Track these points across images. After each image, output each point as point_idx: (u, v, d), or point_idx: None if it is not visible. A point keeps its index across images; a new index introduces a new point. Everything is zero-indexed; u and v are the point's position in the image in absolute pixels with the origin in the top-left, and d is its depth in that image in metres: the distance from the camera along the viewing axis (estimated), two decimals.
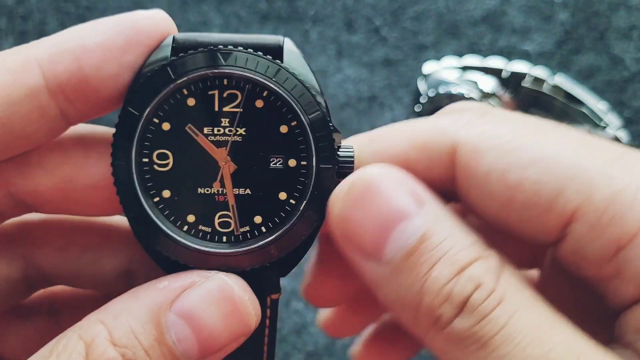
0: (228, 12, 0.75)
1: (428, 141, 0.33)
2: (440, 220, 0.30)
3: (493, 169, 0.31)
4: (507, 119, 0.33)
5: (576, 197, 0.29)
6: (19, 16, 0.74)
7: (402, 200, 0.30)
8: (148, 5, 0.75)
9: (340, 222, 0.31)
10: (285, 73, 0.32)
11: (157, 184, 0.33)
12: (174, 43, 0.33)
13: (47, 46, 0.31)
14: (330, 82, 0.74)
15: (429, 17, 0.75)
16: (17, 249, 0.38)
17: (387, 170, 0.31)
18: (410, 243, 0.30)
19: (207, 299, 0.30)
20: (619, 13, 0.74)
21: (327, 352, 0.69)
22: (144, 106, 0.32)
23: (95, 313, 0.30)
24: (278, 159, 0.33)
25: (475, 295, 0.28)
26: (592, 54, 0.73)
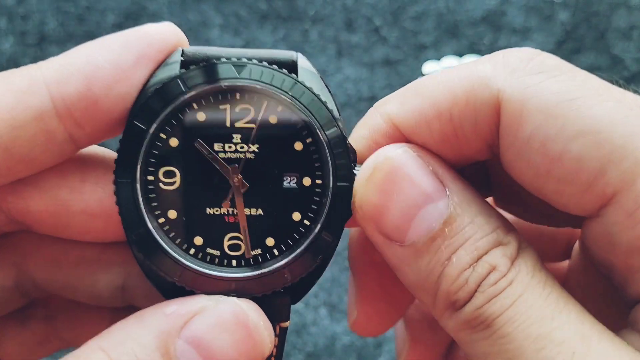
0: (228, 12, 0.75)
1: (470, 94, 0.30)
2: (464, 204, 0.29)
3: (535, 136, 0.28)
4: (556, 71, 0.29)
5: (618, 181, 0.27)
6: (19, 16, 0.74)
7: (426, 183, 0.29)
8: (148, 5, 0.75)
9: (363, 205, 0.30)
10: (302, 87, 0.31)
11: (163, 203, 0.31)
12: (182, 56, 0.31)
13: (56, 66, 0.29)
14: (330, 82, 0.74)
15: (429, 17, 0.75)
16: (9, 258, 0.37)
17: (409, 152, 0.30)
18: (435, 227, 0.29)
19: (219, 325, 0.28)
20: (619, 13, 0.74)
21: (327, 352, 0.69)
22: (151, 120, 0.30)
23: (97, 339, 0.29)
24: (292, 178, 0.31)
25: (487, 279, 0.28)
26: (592, 54, 0.73)
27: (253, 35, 0.75)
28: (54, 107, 0.29)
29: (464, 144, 0.31)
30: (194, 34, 0.73)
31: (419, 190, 0.29)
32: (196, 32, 0.74)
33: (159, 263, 0.30)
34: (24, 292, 0.38)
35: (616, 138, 0.27)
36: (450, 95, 0.30)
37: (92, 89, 0.29)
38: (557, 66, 0.29)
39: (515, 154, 0.29)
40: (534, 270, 0.29)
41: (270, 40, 0.75)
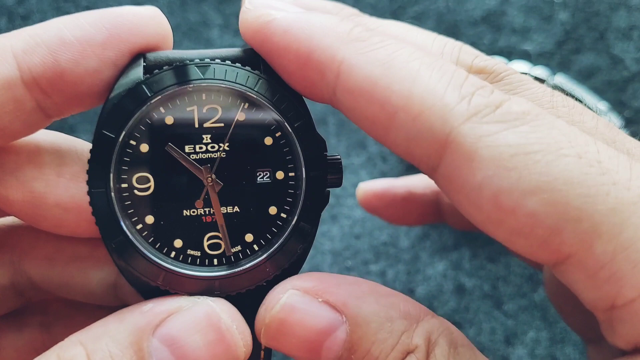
0: (228, 12, 0.75)
1: (422, 115, 0.28)
2: (363, 324, 0.29)
3: (487, 185, 0.27)
4: (518, 121, 0.27)
5: (575, 242, 0.26)
6: (19, 16, 0.74)
7: (318, 320, 0.29)
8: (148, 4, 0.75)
9: (272, 348, 0.31)
10: (266, 83, 0.31)
11: (139, 209, 0.31)
12: (145, 62, 0.31)
13: (24, 37, 0.30)
14: None
15: (429, 17, 0.75)
16: (5, 255, 0.37)
17: (295, 294, 0.30)
18: (342, 355, 0.29)
19: (192, 326, 0.29)
20: (619, 13, 0.74)
21: None
22: (119, 128, 0.30)
23: (78, 334, 0.29)
24: (265, 173, 0.31)
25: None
26: (592, 54, 0.73)
27: None
28: (21, 76, 0.29)
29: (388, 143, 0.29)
30: (194, 34, 0.73)
31: (313, 331, 0.29)
32: (196, 32, 0.74)
33: (140, 269, 0.30)
34: (20, 291, 0.39)
35: (573, 198, 0.26)
36: (408, 96, 0.28)
37: (59, 61, 0.29)
38: (522, 115, 0.28)
39: (463, 197, 0.28)
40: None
41: None
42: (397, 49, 0.29)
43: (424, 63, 0.29)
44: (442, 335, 0.30)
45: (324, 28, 0.30)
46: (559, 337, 0.68)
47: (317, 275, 0.31)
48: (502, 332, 0.67)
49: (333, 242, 0.69)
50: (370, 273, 0.68)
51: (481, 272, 0.68)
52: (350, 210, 0.70)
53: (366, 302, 0.30)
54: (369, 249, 0.68)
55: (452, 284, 0.67)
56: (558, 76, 0.70)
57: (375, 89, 0.29)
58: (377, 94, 0.29)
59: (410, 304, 0.31)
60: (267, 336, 0.30)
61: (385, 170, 0.72)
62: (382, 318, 0.29)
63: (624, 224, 0.26)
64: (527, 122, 0.28)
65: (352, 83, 0.29)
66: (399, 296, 0.31)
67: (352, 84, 0.29)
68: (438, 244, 0.68)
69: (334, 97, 0.30)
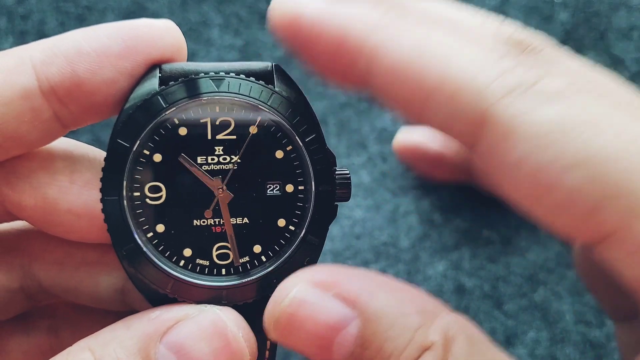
0: (228, 12, 0.75)
1: (457, 94, 0.28)
2: (376, 319, 0.28)
3: (524, 162, 0.26)
4: (556, 97, 0.27)
5: (616, 220, 0.26)
6: (19, 16, 0.73)
7: (330, 315, 0.29)
8: (148, 5, 0.75)
9: (281, 344, 0.30)
10: (279, 97, 0.32)
11: (151, 218, 0.32)
12: (160, 73, 0.32)
13: (43, 48, 0.31)
14: None
15: None
16: (15, 259, 0.38)
17: (306, 287, 0.29)
18: (354, 351, 0.28)
19: (199, 334, 0.29)
20: (619, 13, 0.74)
21: None
22: (134, 137, 0.31)
23: (86, 339, 0.30)
24: (275, 185, 0.32)
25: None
26: (592, 54, 0.73)
27: (253, 35, 0.75)
28: (39, 85, 0.30)
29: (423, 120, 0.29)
30: (194, 34, 0.73)
31: (324, 326, 0.29)
32: (196, 32, 0.74)
33: (150, 276, 0.31)
34: (29, 294, 0.39)
35: (613, 173, 0.26)
36: (443, 76, 0.28)
37: (76, 71, 0.30)
38: (560, 92, 0.28)
39: (502, 175, 0.28)
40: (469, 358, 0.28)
41: (270, 40, 0.75)
42: (431, 30, 0.29)
43: (459, 42, 0.29)
44: (460, 331, 0.29)
45: (355, 16, 0.30)
46: (559, 337, 0.68)
47: (328, 267, 0.30)
48: (502, 332, 0.67)
49: (333, 242, 0.69)
50: None
51: (481, 272, 0.68)
52: (350, 211, 0.70)
53: (379, 296, 0.29)
54: (369, 249, 0.68)
55: (452, 284, 0.67)
56: None
57: (408, 72, 0.28)
58: (410, 77, 0.28)
59: (425, 299, 0.30)
60: (276, 331, 0.30)
61: (386, 170, 0.72)
62: (396, 313, 0.28)
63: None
64: (565, 99, 0.27)
65: (384, 69, 0.29)
66: (414, 291, 0.30)
67: (385, 69, 0.29)
68: (438, 244, 0.68)
69: (368, 83, 0.30)
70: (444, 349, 0.28)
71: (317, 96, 0.73)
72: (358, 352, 0.28)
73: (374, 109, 0.74)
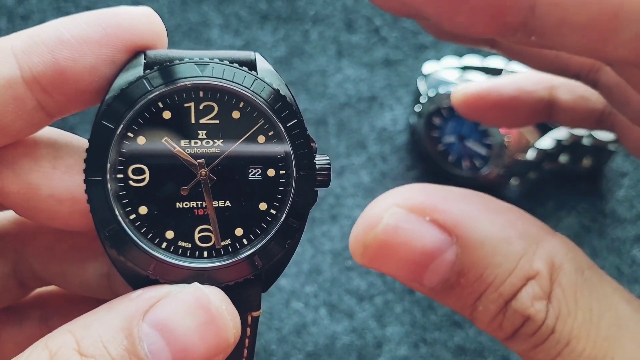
0: (228, 12, 0.75)
1: None
2: (475, 247, 0.27)
3: None
4: None
5: None
6: (19, 16, 0.74)
7: (425, 241, 0.27)
8: (148, 5, 0.75)
9: (370, 265, 0.29)
10: (262, 83, 0.32)
11: (134, 200, 0.32)
12: (145, 59, 0.32)
13: (23, 37, 0.31)
14: (330, 82, 0.74)
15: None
16: (9, 244, 0.38)
17: (399, 211, 0.28)
18: (449, 278, 0.27)
19: (182, 309, 0.29)
20: None
21: (326, 352, 0.69)
22: (118, 119, 0.31)
23: (68, 324, 0.30)
24: (257, 170, 0.32)
25: (525, 329, 0.26)
26: None
27: (253, 35, 0.75)
28: (22, 75, 0.30)
29: (607, 50, 0.26)
30: (194, 34, 0.73)
31: (418, 253, 0.27)
32: (196, 32, 0.74)
33: (132, 257, 0.31)
34: (22, 280, 0.39)
35: None
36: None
37: (58, 59, 0.30)
38: None
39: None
40: (577, 290, 0.26)
41: (270, 40, 0.75)
42: None
43: None
44: (566, 258, 0.27)
45: None
46: None
47: (422, 189, 0.28)
48: None
49: (333, 242, 0.69)
50: (370, 272, 0.68)
51: None
52: (350, 211, 0.70)
53: (479, 222, 0.27)
54: None
55: None
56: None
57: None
58: None
59: (529, 222, 0.28)
60: (364, 257, 0.29)
61: (385, 170, 0.72)
62: (498, 239, 0.27)
63: None
64: None
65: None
66: (517, 212, 0.28)
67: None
68: None
69: (532, 19, 0.26)
70: (550, 279, 0.26)
71: (317, 96, 0.73)
72: (454, 279, 0.27)
73: (373, 109, 0.74)
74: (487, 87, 0.47)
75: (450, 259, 0.27)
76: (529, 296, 0.26)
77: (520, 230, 0.27)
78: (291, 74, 0.74)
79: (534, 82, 0.47)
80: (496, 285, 0.26)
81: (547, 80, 0.30)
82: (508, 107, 0.48)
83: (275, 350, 0.69)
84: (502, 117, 0.48)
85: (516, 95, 0.47)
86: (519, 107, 0.47)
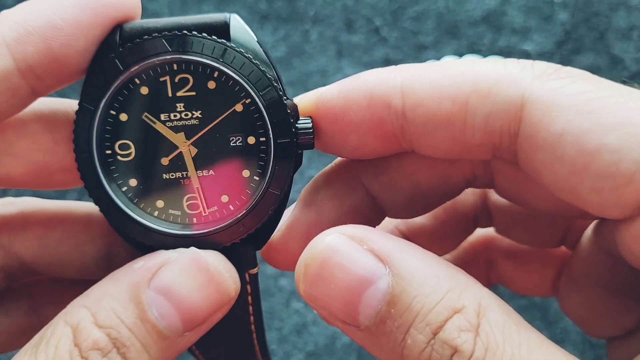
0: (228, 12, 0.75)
1: (493, 88, 0.29)
2: (407, 276, 0.28)
3: (568, 130, 0.27)
4: (583, 77, 0.29)
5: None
6: None
7: (361, 267, 0.28)
8: (148, 5, 0.75)
9: (308, 299, 0.30)
10: (233, 52, 0.32)
11: (123, 173, 0.33)
12: (121, 33, 0.33)
13: (13, 25, 0.30)
14: (330, 82, 0.74)
15: (429, 17, 0.75)
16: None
17: (340, 237, 0.29)
18: (381, 309, 0.28)
19: (182, 273, 0.31)
20: (619, 13, 0.74)
21: (327, 352, 0.69)
22: (98, 100, 0.32)
23: (79, 299, 0.31)
24: (237, 138, 0.33)
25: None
26: (592, 54, 0.73)
27: None
28: (17, 66, 0.30)
29: (466, 137, 0.30)
30: None
31: (354, 277, 0.28)
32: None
33: (126, 228, 0.33)
34: (9, 273, 0.39)
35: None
36: (473, 81, 0.30)
37: (52, 47, 0.30)
38: (583, 74, 0.29)
39: (544, 151, 0.28)
40: (506, 327, 0.27)
41: (270, 40, 0.75)
42: (450, 62, 0.31)
43: (479, 60, 0.31)
44: (494, 302, 0.28)
45: (372, 74, 0.33)
46: (559, 337, 0.68)
47: (364, 226, 0.30)
48: None
49: None
50: None
51: None
52: None
53: (412, 256, 0.29)
54: None
55: None
56: None
57: (442, 88, 0.30)
58: (444, 92, 0.30)
59: (459, 270, 0.29)
60: (306, 279, 0.30)
61: None
62: (427, 274, 0.28)
63: None
64: (591, 78, 0.29)
65: (418, 94, 0.31)
66: (448, 262, 0.30)
67: (419, 94, 0.31)
68: None
69: (405, 123, 0.31)
70: (477, 314, 0.27)
71: None
72: (385, 311, 0.28)
73: None
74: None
75: (384, 289, 0.28)
76: (455, 327, 0.27)
77: (449, 272, 0.29)
78: (291, 74, 0.74)
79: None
80: (423, 314, 0.27)
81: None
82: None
83: (276, 350, 0.69)
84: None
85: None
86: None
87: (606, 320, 0.40)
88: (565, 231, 0.41)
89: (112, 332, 0.29)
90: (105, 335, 0.29)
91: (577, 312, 0.42)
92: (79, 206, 0.40)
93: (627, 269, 0.32)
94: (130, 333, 0.29)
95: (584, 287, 0.40)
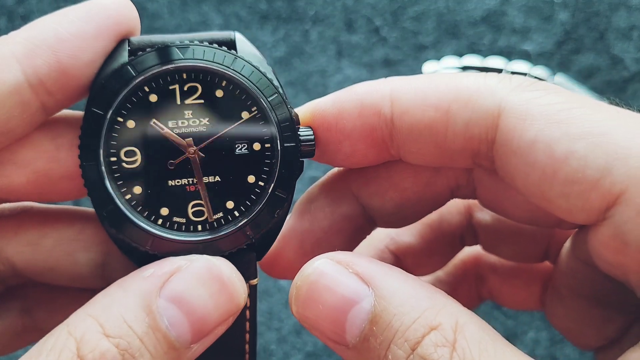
0: (228, 12, 0.75)
1: (473, 97, 0.32)
2: (389, 295, 0.29)
3: (540, 138, 0.29)
4: (557, 90, 0.31)
5: (624, 179, 0.28)
6: (19, 16, 0.74)
7: (346, 288, 0.30)
8: (148, 5, 0.75)
9: (301, 320, 0.32)
10: (242, 61, 0.33)
11: (128, 181, 0.33)
12: (129, 46, 0.34)
13: (22, 40, 0.31)
14: (330, 82, 0.74)
15: (429, 17, 0.75)
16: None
17: (327, 262, 0.31)
18: (365, 328, 0.29)
19: (195, 281, 0.30)
20: (619, 13, 0.74)
21: (326, 352, 0.69)
22: (107, 106, 0.32)
23: (83, 308, 0.30)
24: (243, 144, 0.34)
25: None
26: (592, 54, 0.73)
27: (253, 35, 0.75)
28: (27, 79, 0.31)
29: (447, 143, 0.32)
30: None
31: (340, 297, 0.30)
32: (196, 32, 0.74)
33: (130, 235, 0.33)
34: (1, 278, 0.39)
35: (620, 139, 0.28)
36: (455, 91, 0.32)
37: (60, 59, 0.31)
38: (557, 87, 0.32)
39: (518, 158, 0.30)
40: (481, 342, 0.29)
41: (270, 40, 0.75)
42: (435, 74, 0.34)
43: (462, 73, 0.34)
44: (471, 320, 0.30)
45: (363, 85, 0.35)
46: (558, 337, 0.68)
47: (349, 252, 0.32)
48: (502, 332, 0.67)
49: None
50: None
51: None
52: None
53: (394, 279, 0.30)
54: None
55: None
56: (558, 76, 0.70)
57: (426, 97, 0.33)
58: (428, 100, 0.32)
59: (438, 291, 0.31)
60: (297, 302, 0.31)
61: None
62: (408, 294, 0.30)
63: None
64: (563, 92, 0.31)
65: (405, 102, 0.33)
66: (427, 284, 0.31)
67: (405, 102, 0.33)
68: None
69: (394, 129, 0.33)
70: (453, 331, 0.29)
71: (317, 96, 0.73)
72: (368, 329, 0.29)
73: None
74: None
75: (367, 308, 0.29)
76: (432, 343, 0.28)
77: (429, 293, 0.30)
78: (291, 74, 0.74)
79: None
80: (402, 331, 0.29)
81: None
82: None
83: (275, 350, 0.69)
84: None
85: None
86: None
87: (590, 330, 0.41)
88: (547, 246, 0.43)
89: (122, 342, 0.28)
90: (114, 346, 0.28)
91: (562, 323, 0.43)
92: (74, 212, 0.39)
93: (603, 277, 0.33)
94: (141, 343, 0.28)
95: (566, 298, 0.41)
